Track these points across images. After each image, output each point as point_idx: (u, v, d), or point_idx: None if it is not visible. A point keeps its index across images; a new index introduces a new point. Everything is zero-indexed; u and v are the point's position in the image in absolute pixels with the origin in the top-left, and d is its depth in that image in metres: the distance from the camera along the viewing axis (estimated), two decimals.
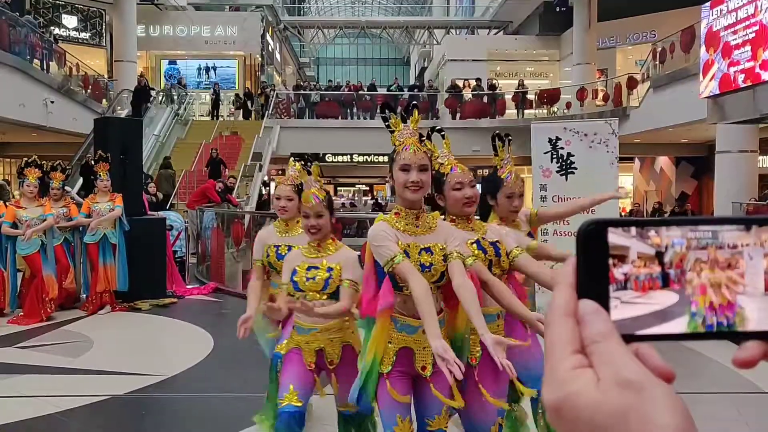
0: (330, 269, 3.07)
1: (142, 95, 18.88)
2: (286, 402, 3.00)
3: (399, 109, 2.80)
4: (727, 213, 13.56)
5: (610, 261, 0.49)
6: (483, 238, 2.87)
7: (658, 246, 0.49)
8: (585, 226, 0.49)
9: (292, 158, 3.85)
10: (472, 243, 2.80)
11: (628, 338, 0.48)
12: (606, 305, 0.49)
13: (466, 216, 2.91)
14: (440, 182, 2.90)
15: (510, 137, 3.40)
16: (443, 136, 3.00)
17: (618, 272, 0.49)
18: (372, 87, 24.07)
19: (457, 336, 2.69)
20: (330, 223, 3.15)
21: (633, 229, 0.49)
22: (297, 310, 2.85)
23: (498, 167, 3.43)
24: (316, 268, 3.08)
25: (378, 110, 20.26)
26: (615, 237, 0.49)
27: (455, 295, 2.55)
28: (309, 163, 3.53)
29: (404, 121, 2.72)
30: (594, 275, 0.49)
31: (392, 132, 2.72)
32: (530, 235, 3.56)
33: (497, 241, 2.89)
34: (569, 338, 0.48)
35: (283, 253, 3.53)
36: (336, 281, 3.03)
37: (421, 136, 2.81)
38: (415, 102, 2.88)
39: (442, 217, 2.92)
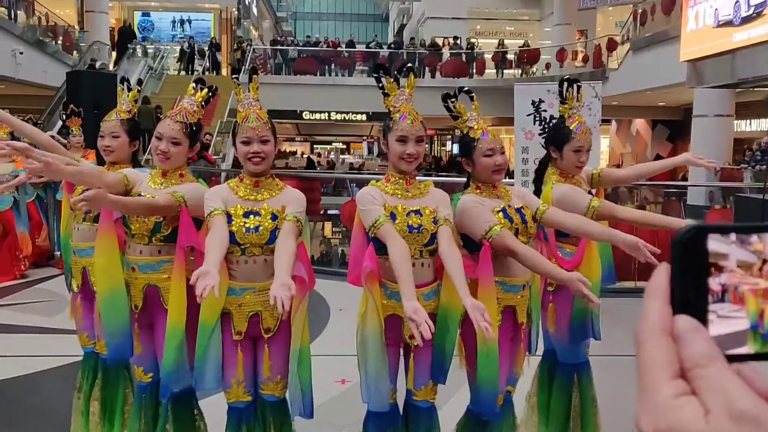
0: (274, 216, 2.57)
1: (126, 36, 18.60)
2: (233, 398, 2.64)
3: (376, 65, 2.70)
4: (701, 177, 13.70)
5: (710, 271, 0.44)
6: (509, 206, 2.69)
7: (761, 253, 0.44)
8: (683, 232, 0.44)
9: (192, 83, 2.94)
10: (498, 211, 2.64)
11: (729, 358, 0.43)
12: (704, 321, 0.44)
13: (493, 183, 2.72)
14: (469, 147, 2.68)
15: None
16: (472, 98, 2.78)
17: (715, 283, 0.44)
18: (351, 43, 23.66)
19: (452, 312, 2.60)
20: (274, 152, 2.67)
21: (733, 235, 0.44)
22: None
23: (566, 117, 3.10)
24: (257, 214, 2.56)
25: (372, 70, 20.03)
26: (713, 243, 0.44)
27: (443, 268, 2.51)
28: (213, 92, 2.90)
29: (398, 83, 2.62)
30: (692, 287, 0.44)
31: (386, 95, 2.62)
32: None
33: (522, 207, 2.73)
34: (667, 360, 0.43)
35: None
36: None
37: (447, 95, 2.71)
38: (410, 65, 2.74)
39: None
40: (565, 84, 3.14)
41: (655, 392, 0.43)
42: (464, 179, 2.86)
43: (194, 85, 2.91)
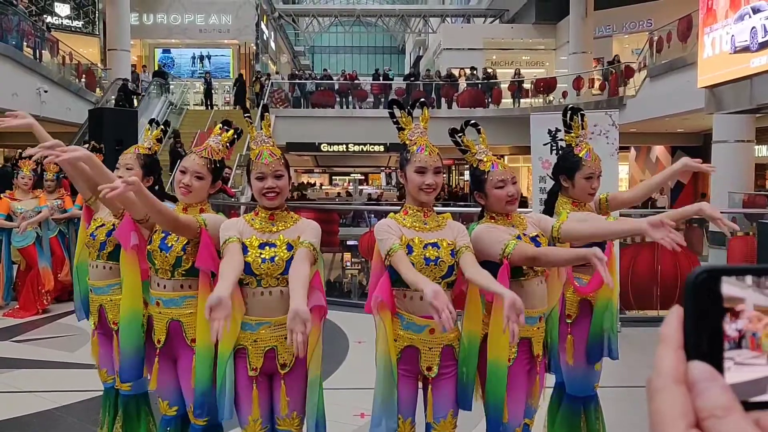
0: (290, 246, 2.59)
1: (161, 76, 20.18)
2: None
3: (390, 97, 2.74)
4: (723, 203, 13.56)
5: (725, 316, 0.42)
6: (524, 234, 2.70)
7: None
8: (695, 275, 0.43)
9: (219, 124, 3.00)
10: (514, 238, 2.63)
11: (747, 406, 0.41)
12: (720, 367, 0.42)
13: (507, 213, 2.73)
14: (480, 180, 2.72)
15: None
16: (479, 131, 2.81)
17: (731, 328, 0.42)
18: (377, 76, 23.79)
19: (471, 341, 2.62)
20: (288, 187, 2.69)
21: (749, 278, 0.42)
22: None
23: (574, 145, 3.12)
24: (272, 245, 2.58)
25: (386, 105, 19.98)
26: (728, 287, 0.42)
27: (461, 297, 2.52)
28: (239, 134, 2.98)
29: (412, 117, 2.66)
30: (706, 333, 0.42)
31: (401, 129, 2.66)
32: None
33: (537, 236, 2.73)
34: (682, 411, 0.41)
35: (170, 243, 2.79)
36: None
37: (455, 130, 2.74)
38: (423, 99, 2.79)
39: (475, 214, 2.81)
40: (569, 112, 3.15)
41: None
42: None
43: (221, 126, 2.98)
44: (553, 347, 2.90)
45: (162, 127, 3.35)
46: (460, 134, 2.74)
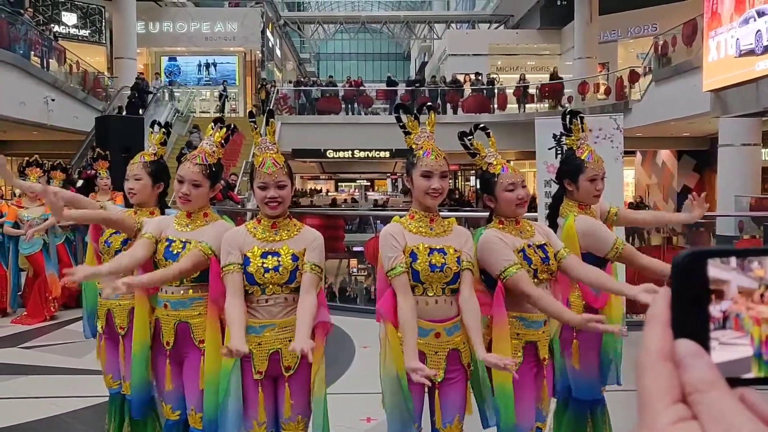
0: (295, 257, 2.58)
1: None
2: None
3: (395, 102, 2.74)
4: (730, 207, 13.52)
5: (711, 297, 0.44)
6: (528, 245, 2.67)
7: (762, 279, 0.44)
8: (682, 257, 0.44)
9: (212, 124, 2.97)
10: (518, 251, 2.64)
11: (732, 382, 0.43)
12: (706, 346, 0.43)
13: (516, 217, 2.72)
14: (490, 183, 2.70)
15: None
16: (488, 134, 2.83)
17: (716, 310, 0.44)
18: (391, 82, 23.78)
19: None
20: (291, 195, 2.67)
21: (733, 260, 0.44)
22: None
23: (575, 147, 3.12)
24: (276, 254, 2.57)
25: (393, 110, 19.93)
26: (713, 269, 0.44)
27: (482, 300, 2.54)
28: (233, 131, 2.96)
29: (418, 122, 2.66)
30: (692, 313, 0.44)
31: (407, 134, 2.66)
32: None
33: (545, 244, 2.72)
34: (667, 386, 0.42)
35: (176, 251, 2.80)
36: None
37: (464, 133, 2.75)
38: (430, 104, 2.78)
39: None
40: (568, 116, 3.15)
41: (655, 420, 0.42)
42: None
43: (213, 125, 2.96)
44: (555, 364, 2.88)
45: (164, 130, 3.34)
46: (469, 138, 2.75)
